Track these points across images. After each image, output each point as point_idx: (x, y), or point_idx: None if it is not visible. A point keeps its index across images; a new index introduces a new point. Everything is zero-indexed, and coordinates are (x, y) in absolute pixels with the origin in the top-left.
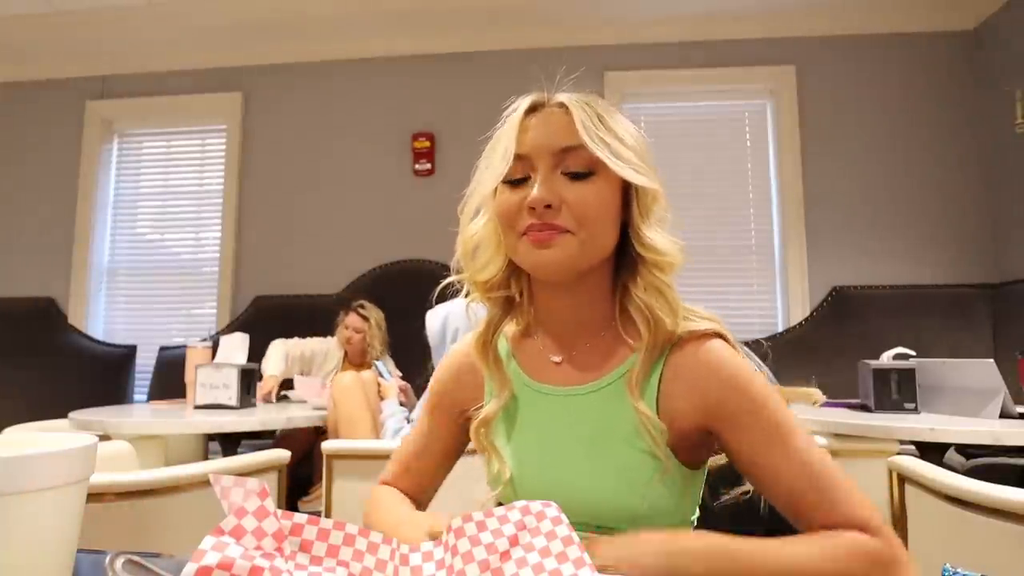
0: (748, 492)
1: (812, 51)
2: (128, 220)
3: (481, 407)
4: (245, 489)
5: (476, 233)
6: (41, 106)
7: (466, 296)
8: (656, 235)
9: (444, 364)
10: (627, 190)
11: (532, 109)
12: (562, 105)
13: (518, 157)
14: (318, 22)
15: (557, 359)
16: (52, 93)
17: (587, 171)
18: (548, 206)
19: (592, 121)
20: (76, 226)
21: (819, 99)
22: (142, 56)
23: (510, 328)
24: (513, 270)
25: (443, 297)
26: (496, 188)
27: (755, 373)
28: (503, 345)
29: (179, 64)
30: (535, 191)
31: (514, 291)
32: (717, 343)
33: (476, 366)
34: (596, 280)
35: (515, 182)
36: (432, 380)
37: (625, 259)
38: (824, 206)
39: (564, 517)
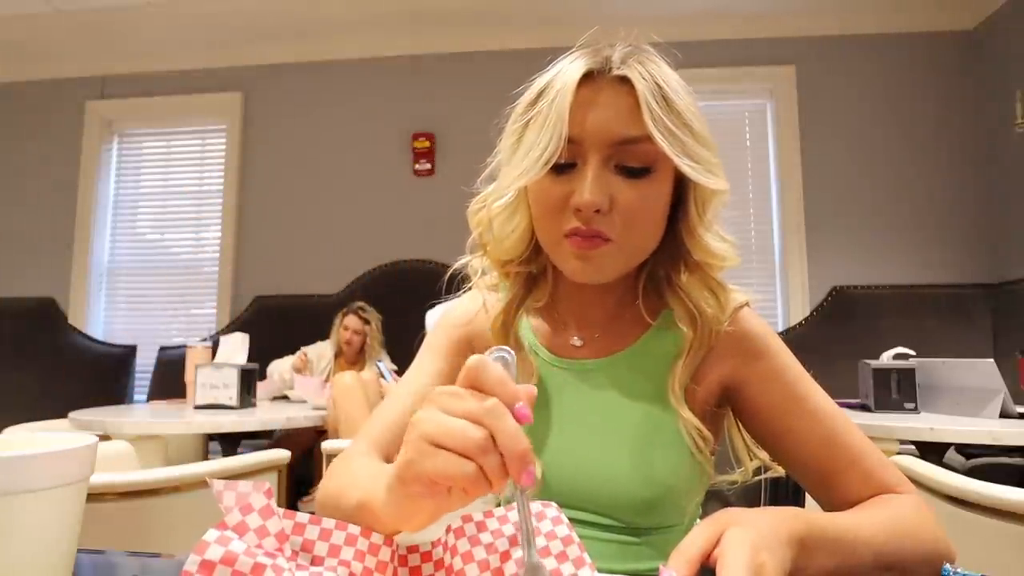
0: (735, 482)
1: (812, 51)
2: (128, 220)
3: None
4: (244, 491)
5: (503, 209)
6: (41, 106)
7: (478, 276)
8: (713, 239)
9: (459, 306)
10: (680, 180)
11: (586, 76)
12: (625, 80)
13: (568, 141)
14: (318, 22)
15: (578, 342)
16: (52, 93)
17: (646, 167)
18: (598, 210)
19: (658, 104)
20: (76, 226)
21: (819, 99)
22: (142, 56)
23: (529, 304)
24: (538, 245)
25: (452, 281)
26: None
27: (777, 337)
28: (526, 325)
29: (179, 64)
30: (586, 193)
31: (536, 269)
32: (745, 310)
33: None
34: (629, 273)
35: (559, 167)
36: (439, 324)
37: (667, 248)
38: (824, 206)
39: (564, 517)
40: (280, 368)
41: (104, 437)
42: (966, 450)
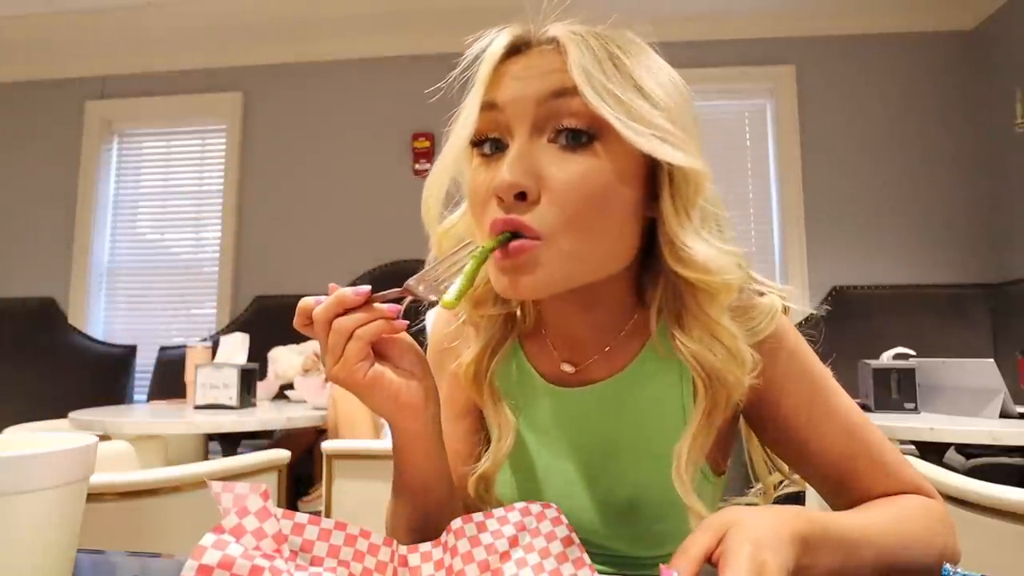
0: (754, 503)
1: (812, 51)
2: (128, 220)
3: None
4: (241, 493)
5: (453, 226)
6: (41, 106)
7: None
8: (699, 244)
9: (438, 325)
10: (655, 171)
11: (515, 51)
12: (553, 41)
13: (489, 107)
14: (318, 22)
15: (569, 369)
16: (52, 93)
17: (586, 132)
18: (521, 195)
19: (596, 60)
20: (76, 226)
21: (819, 99)
22: (142, 56)
23: (520, 331)
24: None
25: (418, 311)
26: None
27: (799, 335)
28: (516, 353)
29: (179, 64)
30: (504, 171)
31: (513, 305)
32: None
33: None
34: (613, 291)
35: (488, 151)
36: (429, 354)
37: (658, 268)
38: (824, 206)
39: (564, 518)
40: (284, 363)
41: (104, 437)
42: (966, 450)
